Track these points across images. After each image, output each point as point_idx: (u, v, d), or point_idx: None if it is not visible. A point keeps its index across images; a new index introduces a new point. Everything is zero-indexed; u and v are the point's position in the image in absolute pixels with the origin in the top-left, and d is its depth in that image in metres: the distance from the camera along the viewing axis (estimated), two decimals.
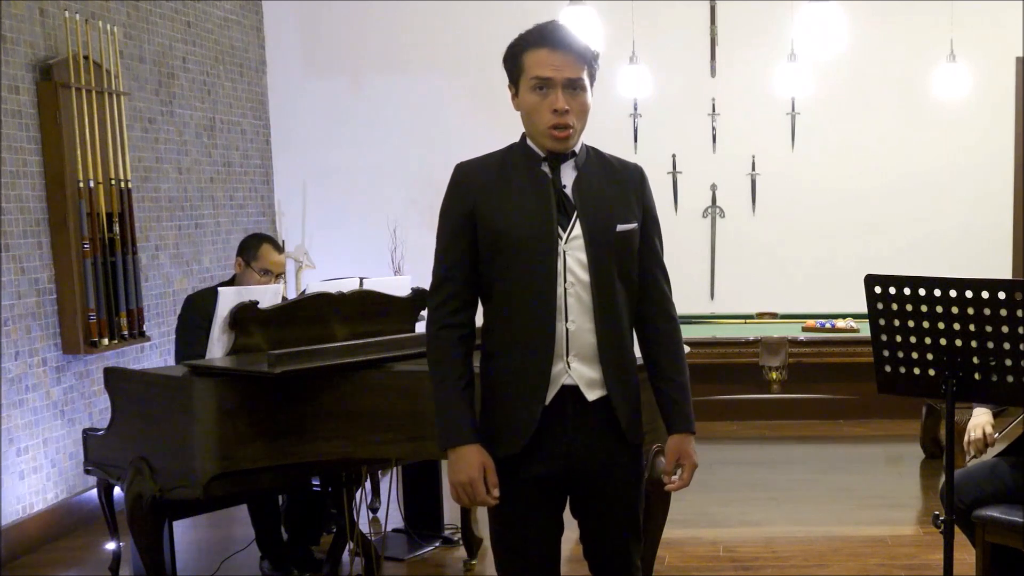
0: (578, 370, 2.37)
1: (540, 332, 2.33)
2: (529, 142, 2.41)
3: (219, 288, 3.76)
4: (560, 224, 2.34)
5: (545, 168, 2.38)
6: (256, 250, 4.23)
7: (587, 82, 2.36)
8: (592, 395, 2.38)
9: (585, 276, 2.34)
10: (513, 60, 2.38)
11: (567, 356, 2.36)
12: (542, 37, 2.35)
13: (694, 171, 6.91)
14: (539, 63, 2.32)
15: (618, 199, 2.40)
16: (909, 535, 4.55)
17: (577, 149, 2.40)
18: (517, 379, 2.36)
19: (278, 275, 4.28)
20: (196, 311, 4.08)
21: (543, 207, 2.34)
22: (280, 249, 4.33)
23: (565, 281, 2.34)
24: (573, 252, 2.34)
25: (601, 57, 2.48)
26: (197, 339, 3.99)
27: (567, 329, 2.35)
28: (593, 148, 2.47)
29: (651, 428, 3.43)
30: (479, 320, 2.47)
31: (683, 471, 2.48)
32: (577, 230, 2.35)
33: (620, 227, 2.37)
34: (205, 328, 3.89)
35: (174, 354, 4.30)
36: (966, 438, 3.30)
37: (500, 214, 2.35)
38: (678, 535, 4.46)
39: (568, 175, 2.39)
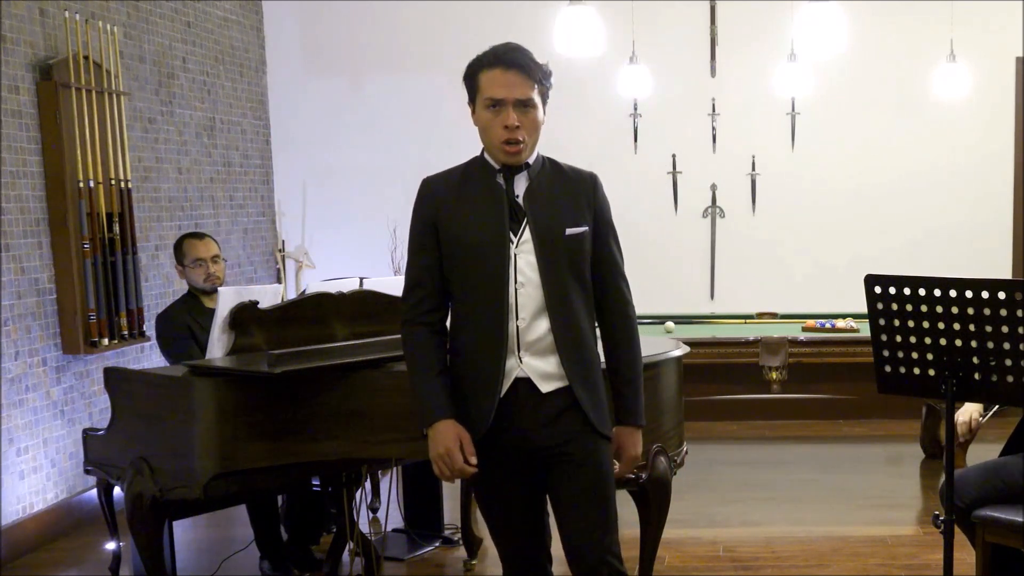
0: (531, 364, 2.54)
1: (493, 330, 2.52)
2: (486, 156, 2.60)
3: (219, 289, 3.76)
4: (511, 230, 2.53)
5: (500, 179, 2.56)
6: (180, 248, 4.33)
7: (538, 100, 2.54)
8: (547, 387, 2.55)
9: (536, 276, 2.52)
10: (470, 80, 2.58)
11: (519, 351, 2.53)
12: (495, 58, 2.52)
13: (694, 171, 6.92)
14: (492, 83, 2.51)
15: (568, 205, 2.57)
16: (909, 535, 4.55)
17: (531, 161, 2.59)
18: (476, 373, 2.55)
19: (213, 258, 4.28)
20: (172, 325, 4.13)
21: (496, 214, 2.54)
22: (201, 236, 4.37)
23: (516, 282, 2.52)
24: (524, 255, 2.53)
25: (601, 57, 2.56)
26: (187, 348, 4.02)
27: (518, 327, 2.52)
28: (549, 159, 2.64)
29: (651, 427, 3.44)
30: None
31: (620, 461, 2.67)
32: (527, 234, 2.53)
33: (569, 231, 2.54)
34: (187, 334, 4.00)
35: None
36: (956, 419, 3.30)
37: (457, 223, 2.55)
38: (678, 535, 4.46)
39: (521, 185, 2.57)
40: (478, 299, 2.53)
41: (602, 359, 2.67)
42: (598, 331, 2.67)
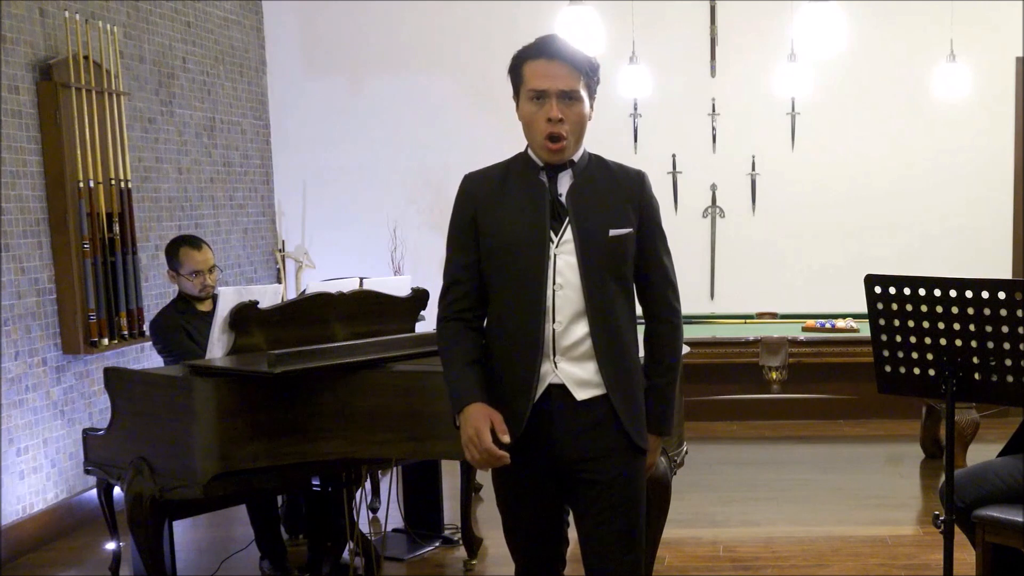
0: (566, 370, 2.44)
1: (528, 332, 2.42)
2: (530, 152, 2.49)
3: (219, 288, 3.76)
4: (552, 229, 2.43)
5: (543, 177, 2.46)
6: (176, 256, 4.23)
7: (584, 94, 2.42)
8: (583, 394, 2.44)
9: (575, 279, 2.42)
10: (515, 72, 2.45)
11: (554, 356, 2.43)
12: (540, 48, 2.41)
13: (694, 171, 6.91)
14: (536, 74, 2.39)
15: (613, 205, 2.46)
16: (909, 535, 4.55)
17: (576, 158, 2.48)
18: (509, 377, 2.45)
19: (210, 270, 4.23)
20: (166, 327, 4.12)
21: (537, 213, 2.43)
22: (198, 246, 4.27)
23: (554, 283, 2.42)
24: (564, 256, 2.42)
25: (601, 57, 2.50)
26: (186, 348, 4.02)
27: (554, 330, 2.42)
28: (596, 156, 2.53)
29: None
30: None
31: None
32: (568, 234, 2.43)
33: (613, 232, 2.44)
34: (183, 335, 3.96)
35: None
36: None
37: (497, 221, 2.45)
38: (678, 535, 4.46)
39: (565, 183, 2.47)
40: (514, 299, 2.43)
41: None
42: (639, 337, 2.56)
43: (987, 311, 2.62)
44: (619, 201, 2.47)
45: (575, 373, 2.44)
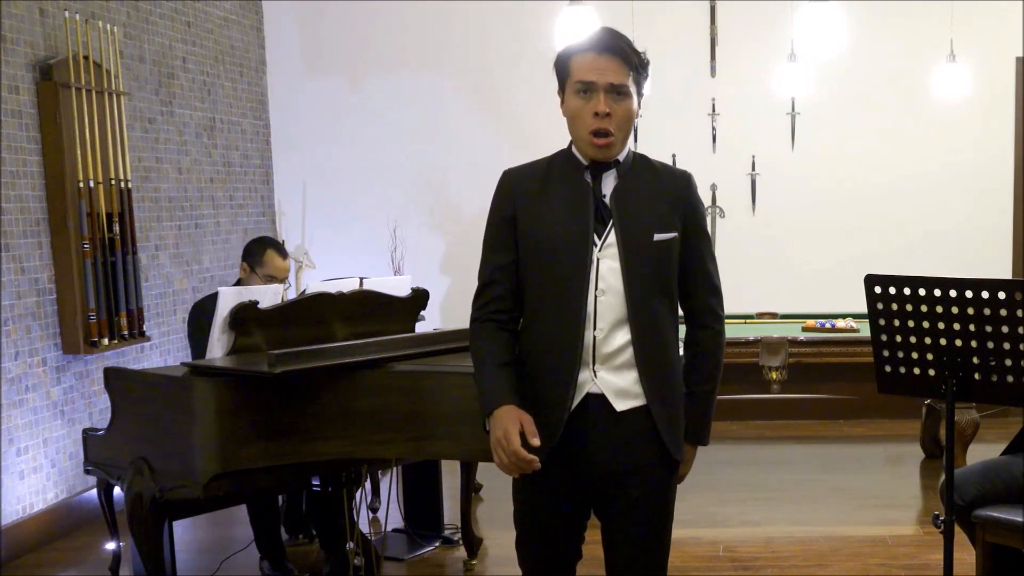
0: (606, 379, 2.34)
1: (567, 338, 2.32)
2: (574, 150, 2.40)
3: (220, 289, 3.76)
4: (596, 232, 2.33)
5: (587, 177, 2.37)
6: (261, 256, 4.30)
7: (632, 90, 2.33)
8: (622, 405, 2.35)
9: (619, 284, 2.32)
10: (562, 64, 2.37)
11: (594, 364, 2.34)
12: (590, 42, 2.33)
13: (694, 171, 6.70)
14: (583, 67, 2.31)
15: (658, 208, 2.37)
16: (909, 535, 4.55)
17: (621, 157, 2.39)
18: (545, 384, 2.36)
19: (282, 279, 4.31)
20: (201, 316, 4.12)
21: (580, 215, 2.33)
22: (285, 254, 4.39)
23: (596, 288, 2.32)
24: (607, 260, 2.33)
25: None
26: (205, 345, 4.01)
27: (594, 337, 2.33)
28: (641, 156, 2.46)
29: None
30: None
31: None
32: (612, 238, 2.33)
33: (658, 236, 2.35)
34: None
35: (193, 357, 4.27)
36: None
37: (538, 220, 2.35)
38: (678, 535, 4.37)
39: (609, 184, 2.37)
40: (553, 304, 2.33)
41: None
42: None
43: (987, 311, 2.62)
44: (664, 204, 2.38)
45: (615, 383, 2.34)
